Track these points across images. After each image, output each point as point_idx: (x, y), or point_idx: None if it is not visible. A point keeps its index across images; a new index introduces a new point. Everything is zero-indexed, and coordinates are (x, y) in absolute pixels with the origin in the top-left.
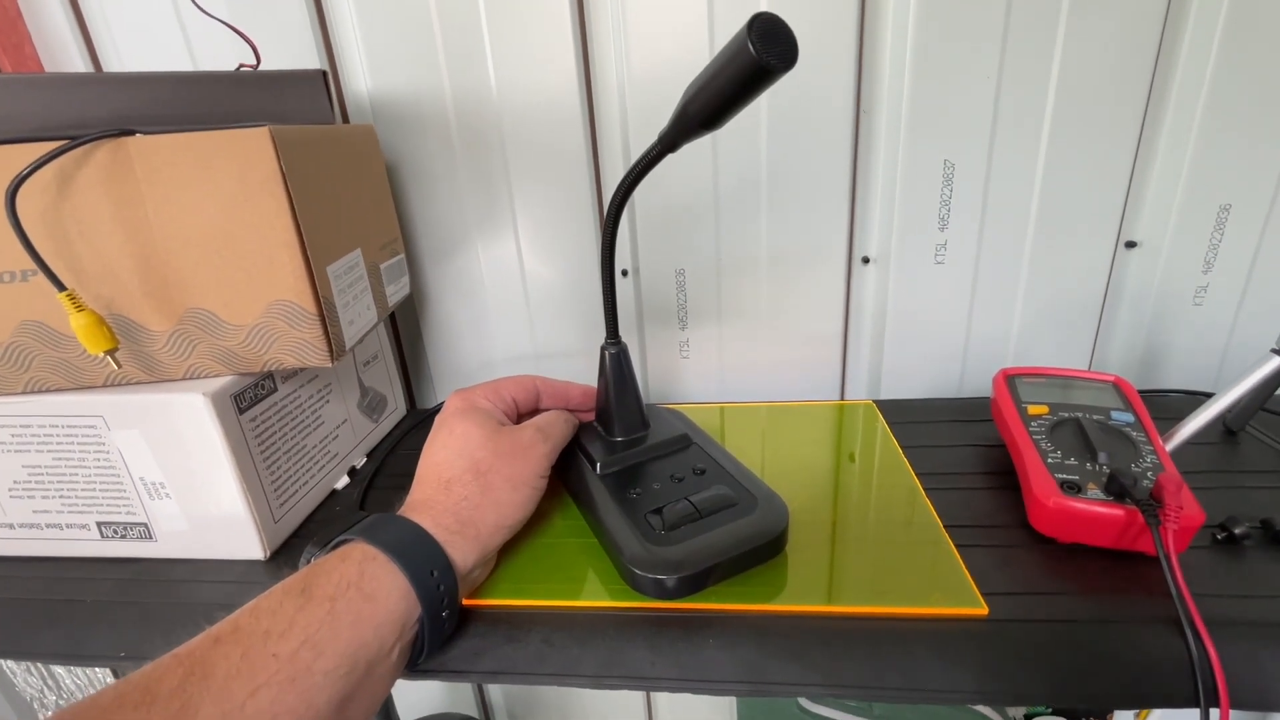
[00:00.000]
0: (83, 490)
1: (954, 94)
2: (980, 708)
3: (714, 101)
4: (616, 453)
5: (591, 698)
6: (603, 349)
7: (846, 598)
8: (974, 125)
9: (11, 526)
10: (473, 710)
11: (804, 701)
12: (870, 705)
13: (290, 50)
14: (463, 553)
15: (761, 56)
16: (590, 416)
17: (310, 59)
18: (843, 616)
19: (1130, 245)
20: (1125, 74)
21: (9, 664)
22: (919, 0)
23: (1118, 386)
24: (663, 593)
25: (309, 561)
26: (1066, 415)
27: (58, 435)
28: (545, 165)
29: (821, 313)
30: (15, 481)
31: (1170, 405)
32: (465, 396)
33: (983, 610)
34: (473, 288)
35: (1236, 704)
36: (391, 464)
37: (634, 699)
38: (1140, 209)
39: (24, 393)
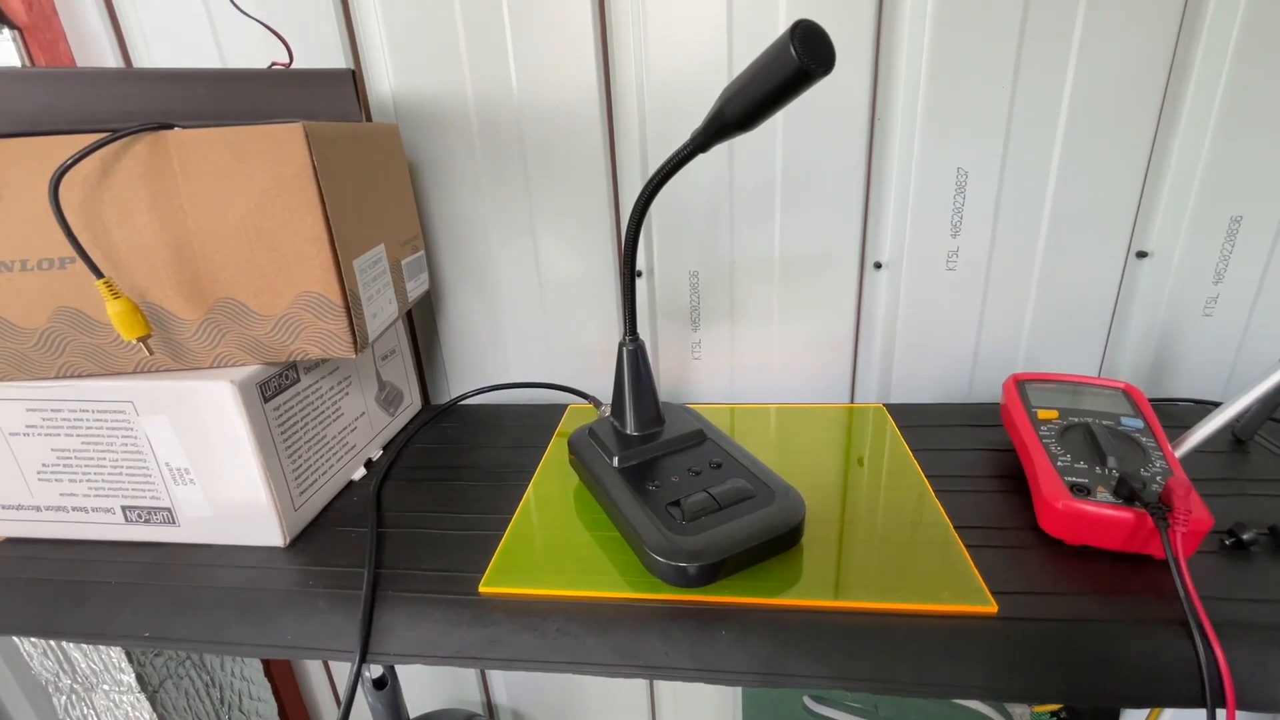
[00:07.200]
0: (109, 474)
1: (968, 102)
2: (984, 709)
3: (752, 103)
4: (633, 447)
5: (596, 696)
6: (621, 345)
7: (857, 593)
8: (988, 133)
9: (39, 509)
10: (477, 707)
11: (809, 702)
12: (875, 706)
13: (317, 51)
14: None
15: (803, 60)
16: None
17: (336, 59)
18: (853, 612)
19: (1141, 255)
20: (1139, 85)
21: (26, 647)
22: (935, 8)
23: (1128, 393)
24: (684, 580)
25: None
26: (1076, 420)
27: (87, 420)
28: (563, 167)
29: (833, 317)
30: (44, 465)
31: (1180, 414)
32: None
33: (992, 608)
34: (489, 286)
35: (1243, 705)
36: (406, 457)
37: (638, 699)
38: (1152, 219)
39: (56, 377)
